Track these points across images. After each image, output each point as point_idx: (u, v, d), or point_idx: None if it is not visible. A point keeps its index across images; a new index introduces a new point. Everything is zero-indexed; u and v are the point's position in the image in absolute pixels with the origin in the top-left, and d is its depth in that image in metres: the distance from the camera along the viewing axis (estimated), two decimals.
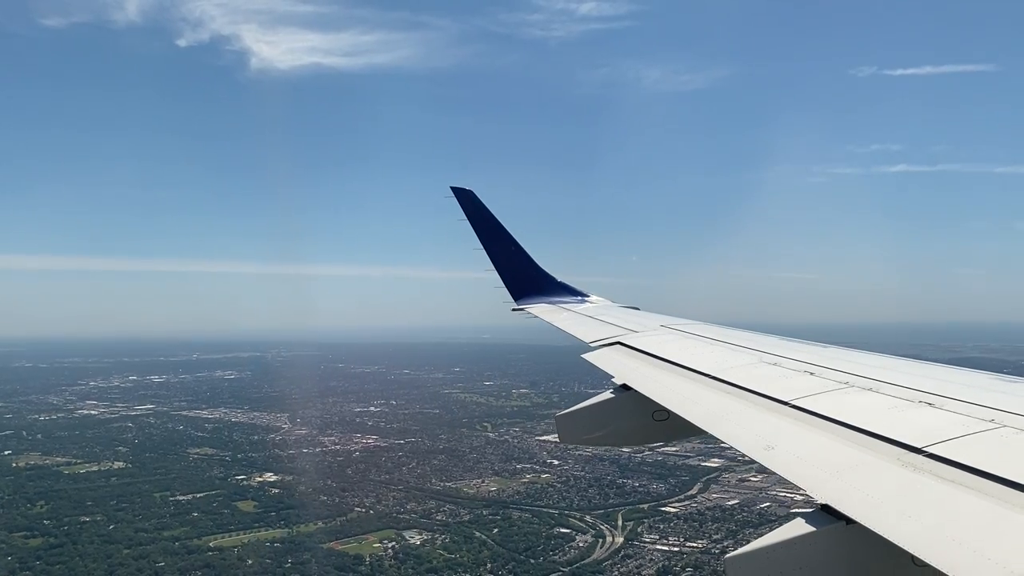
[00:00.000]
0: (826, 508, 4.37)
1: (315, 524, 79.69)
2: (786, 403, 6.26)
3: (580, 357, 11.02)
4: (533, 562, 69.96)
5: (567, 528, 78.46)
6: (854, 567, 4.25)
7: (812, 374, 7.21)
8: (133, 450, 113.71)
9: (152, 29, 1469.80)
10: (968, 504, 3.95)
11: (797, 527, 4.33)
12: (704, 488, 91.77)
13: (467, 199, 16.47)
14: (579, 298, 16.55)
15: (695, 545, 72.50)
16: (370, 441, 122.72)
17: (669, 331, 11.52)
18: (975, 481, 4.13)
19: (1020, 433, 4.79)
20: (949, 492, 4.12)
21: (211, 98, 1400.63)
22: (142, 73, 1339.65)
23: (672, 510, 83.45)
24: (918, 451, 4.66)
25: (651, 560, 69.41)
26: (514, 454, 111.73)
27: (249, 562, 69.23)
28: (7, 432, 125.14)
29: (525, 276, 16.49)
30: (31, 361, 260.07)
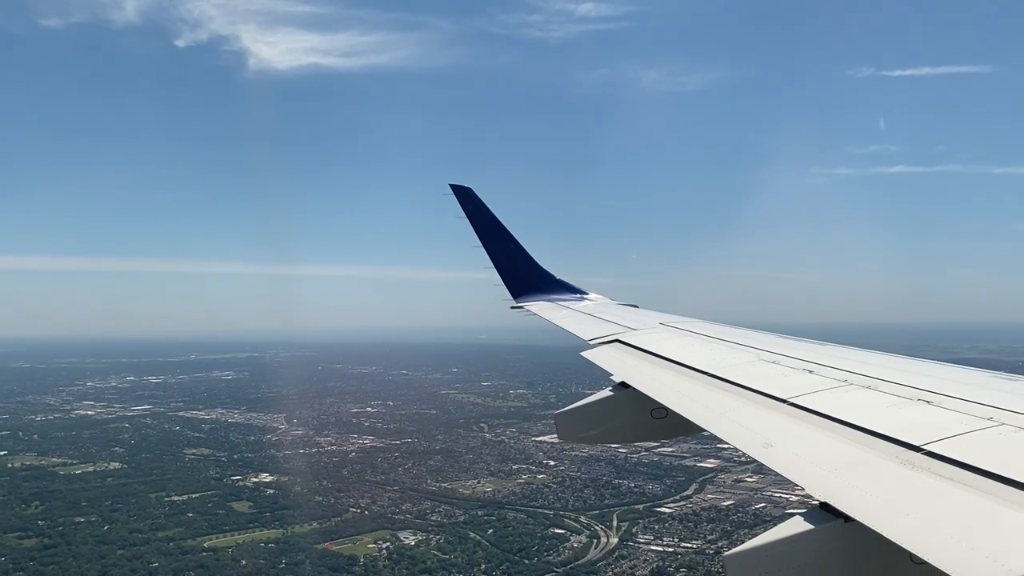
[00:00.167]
0: (825, 506, 4.38)
1: (310, 525, 79.69)
2: (785, 401, 6.26)
3: (578, 356, 11.02)
4: (527, 563, 69.95)
5: (562, 529, 78.47)
6: (853, 565, 4.27)
7: (811, 372, 7.22)
8: (129, 451, 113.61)
9: (150, 29, 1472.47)
10: (966, 502, 3.96)
11: (796, 525, 4.34)
12: (700, 489, 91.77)
13: (466, 197, 16.42)
14: (578, 296, 16.49)
15: (689, 546, 72.52)
16: (366, 442, 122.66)
17: (668, 329, 11.54)
18: (973, 479, 4.14)
19: (1018, 431, 4.81)
20: (947, 490, 4.13)
21: (209, 98, 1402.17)
22: (140, 73, 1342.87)
23: (667, 510, 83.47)
24: (917, 449, 4.68)
25: (645, 560, 69.43)
26: (510, 455, 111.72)
27: (243, 562, 69.18)
28: (3, 433, 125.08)
29: (524, 274, 16.43)
30: (28, 362, 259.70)
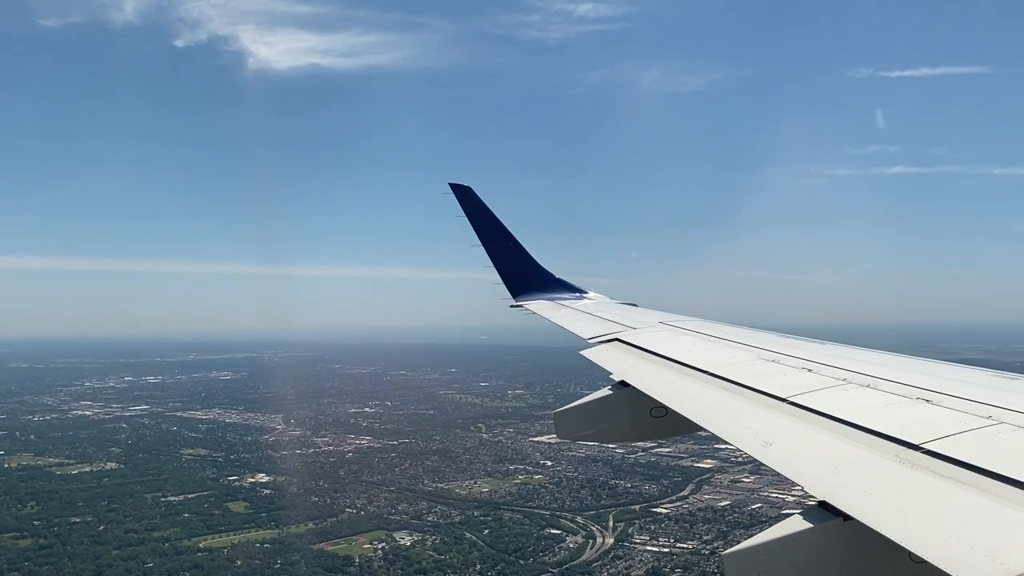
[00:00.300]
0: (824, 505, 4.37)
1: (305, 525, 79.68)
2: (784, 400, 6.24)
3: (577, 356, 11.00)
4: (523, 563, 69.94)
5: (558, 529, 78.46)
6: (852, 563, 4.26)
7: (810, 371, 7.21)
8: (126, 451, 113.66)
9: (149, 29, 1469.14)
10: (965, 500, 3.95)
11: (795, 523, 4.33)
12: (696, 489, 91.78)
13: (465, 195, 16.37)
14: (577, 295, 16.47)
15: (685, 546, 72.52)
16: (363, 442, 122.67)
17: (667, 328, 11.52)
18: (972, 477, 4.13)
19: (1017, 430, 4.80)
20: (946, 488, 4.12)
21: (209, 99, 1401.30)
22: (139, 74, 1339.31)
23: (663, 511, 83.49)
24: (916, 448, 4.67)
25: (640, 561, 69.42)
26: (507, 455, 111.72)
27: (238, 563, 69.17)
28: (0, 433, 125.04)
29: (523, 273, 16.41)
30: (27, 362, 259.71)
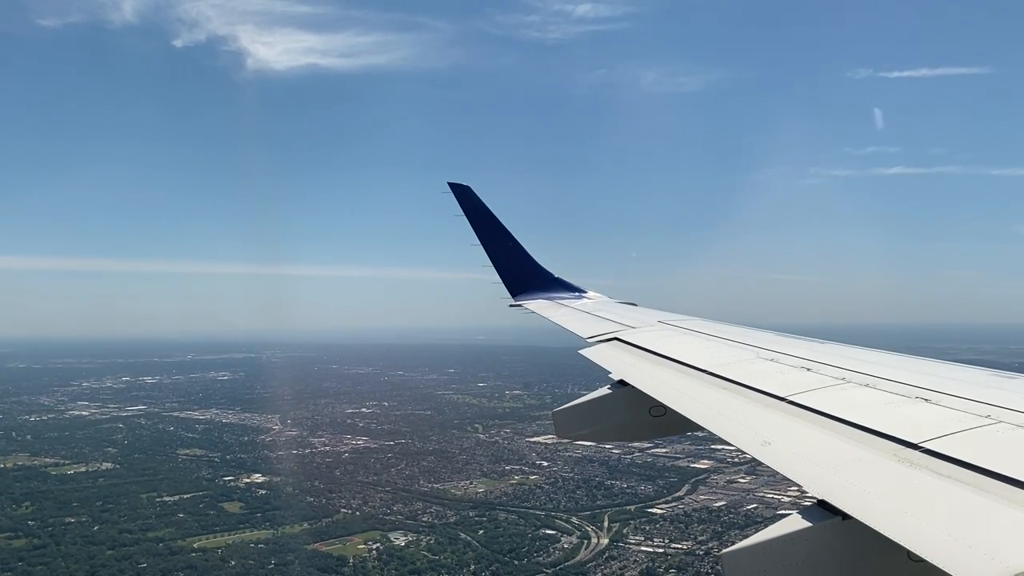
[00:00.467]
0: (823, 503, 4.35)
1: (300, 525, 79.61)
2: (783, 399, 6.22)
3: (575, 356, 10.98)
4: (517, 563, 69.89)
5: (553, 529, 78.43)
6: (850, 562, 4.24)
7: (809, 370, 7.18)
8: (122, 451, 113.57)
9: (148, 29, 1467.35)
10: (964, 499, 3.93)
11: (794, 522, 4.32)
12: (692, 489, 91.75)
13: (464, 195, 16.33)
14: (576, 294, 16.44)
15: (680, 547, 72.48)
16: (360, 442, 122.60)
17: (666, 327, 11.48)
18: (971, 477, 4.12)
19: (1016, 429, 4.78)
20: (945, 487, 4.10)
21: (207, 99, 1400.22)
22: (138, 74, 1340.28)
23: (659, 511, 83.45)
24: (915, 447, 4.65)
25: (635, 561, 69.39)
26: (504, 455, 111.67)
27: (232, 563, 69.10)
28: None
29: (522, 272, 16.37)
30: (24, 362, 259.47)
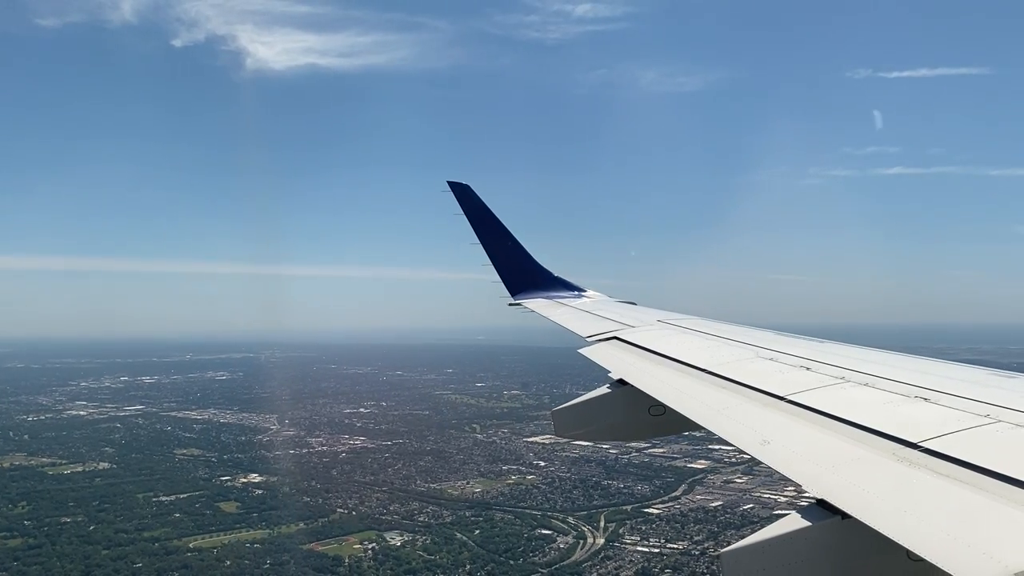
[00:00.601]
0: (822, 503, 4.36)
1: (296, 525, 79.59)
2: (782, 398, 6.22)
3: (573, 356, 10.99)
4: (512, 563, 69.89)
5: (549, 529, 78.44)
6: (849, 561, 4.25)
7: (808, 369, 7.19)
8: (119, 451, 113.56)
9: (147, 29, 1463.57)
10: (964, 499, 3.93)
11: (793, 522, 4.32)
12: (689, 489, 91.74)
13: (463, 194, 16.33)
14: (576, 293, 16.44)
15: (675, 547, 72.48)
16: (357, 442, 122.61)
17: (666, 326, 11.50)
18: (970, 476, 4.12)
19: (1016, 428, 4.78)
20: (944, 487, 4.10)
21: (207, 99, 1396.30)
22: (137, 73, 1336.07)
23: (655, 511, 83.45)
24: (914, 446, 4.65)
25: (631, 561, 69.38)
26: (501, 455, 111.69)
27: (227, 563, 69.10)
28: None
29: (522, 271, 16.37)
30: (23, 362, 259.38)
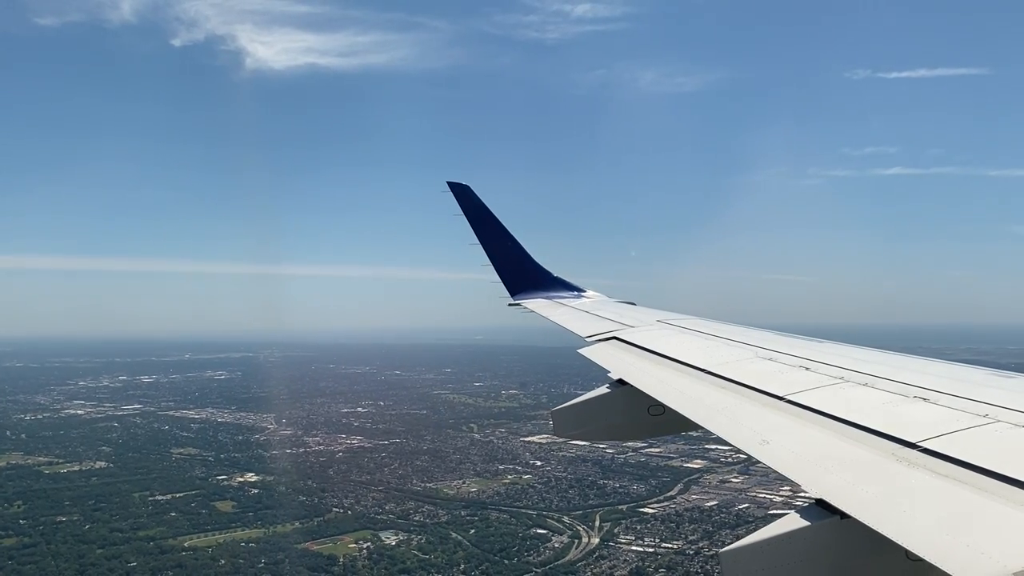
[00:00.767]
0: (821, 503, 4.37)
1: (292, 524, 79.64)
2: (781, 398, 6.24)
3: (572, 356, 11.00)
4: (507, 563, 69.94)
5: (544, 529, 78.49)
6: (848, 561, 4.26)
7: (807, 369, 7.21)
8: (116, 450, 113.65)
9: (146, 29, 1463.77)
10: (963, 499, 3.94)
11: (792, 521, 4.33)
12: (685, 489, 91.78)
13: (463, 194, 16.36)
14: (575, 293, 16.47)
15: (670, 546, 72.50)
16: (354, 442, 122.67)
17: (665, 326, 11.51)
18: (969, 476, 4.12)
19: (1015, 428, 4.78)
20: (943, 487, 4.11)
21: (206, 98, 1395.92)
22: (137, 73, 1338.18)
23: (650, 511, 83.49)
24: (913, 446, 4.65)
25: (625, 561, 69.41)
26: (498, 455, 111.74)
27: (222, 562, 69.16)
28: None
29: (521, 271, 16.39)
30: (22, 361, 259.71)
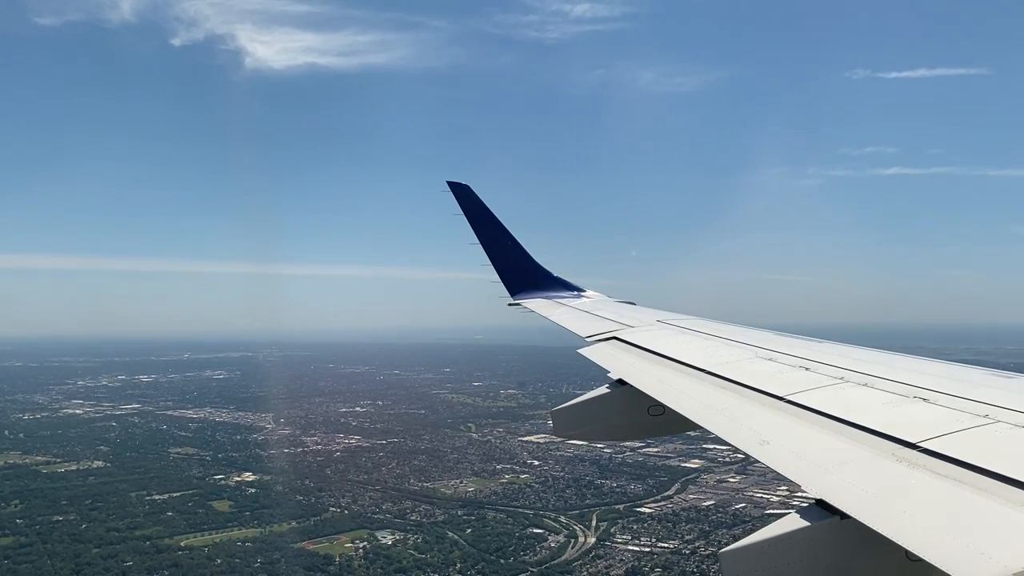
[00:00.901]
0: (821, 503, 4.37)
1: (288, 524, 79.62)
2: (781, 398, 6.23)
3: (571, 356, 10.99)
4: (503, 562, 69.93)
5: (540, 528, 78.51)
6: (848, 561, 4.26)
7: (807, 369, 7.20)
8: (114, 449, 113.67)
9: (146, 28, 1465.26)
10: (963, 499, 3.94)
11: (792, 522, 4.33)
12: (682, 489, 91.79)
13: (463, 194, 16.34)
14: (575, 293, 16.45)
15: (666, 546, 72.51)
16: (352, 441, 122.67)
17: (665, 326, 11.51)
18: (969, 476, 4.12)
19: (1014, 428, 4.78)
20: (943, 487, 4.11)
21: (205, 98, 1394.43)
22: (136, 72, 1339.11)
23: (647, 510, 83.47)
24: (913, 446, 4.65)
25: (621, 560, 69.40)
26: (495, 454, 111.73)
27: (218, 561, 69.14)
28: None
29: (521, 271, 16.37)
30: (21, 360, 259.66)
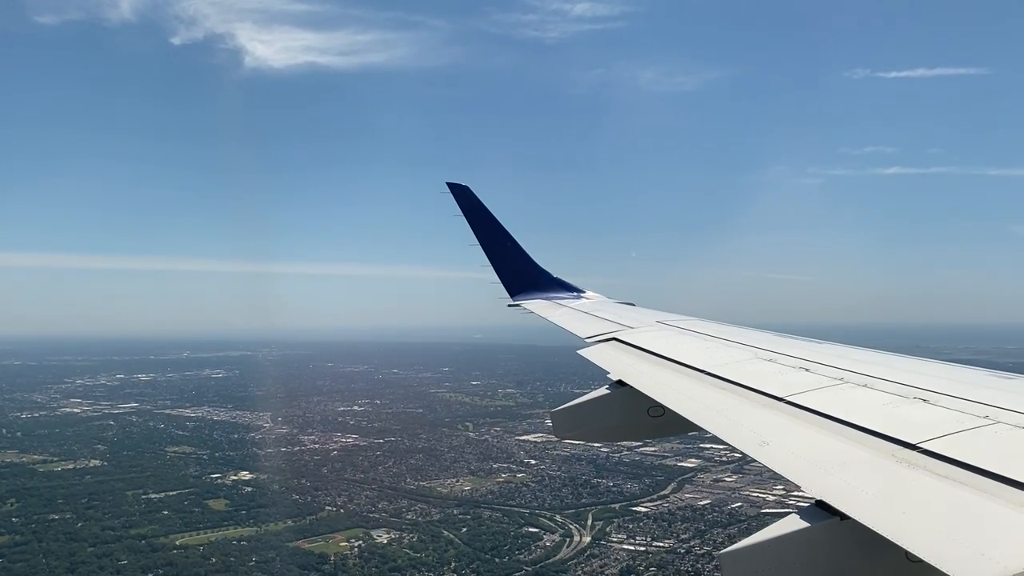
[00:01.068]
0: (820, 504, 4.36)
1: (284, 523, 79.67)
2: (781, 399, 6.23)
3: (569, 356, 11.04)
4: (498, 561, 69.97)
5: (536, 527, 78.54)
6: (848, 562, 4.25)
7: (807, 370, 7.20)
8: (111, 448, 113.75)
9: (146, 27, 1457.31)
10: (962, 500, 3.94)
11: (792, 523, 4.33)
12: (678, 488, 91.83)
13: (463, 195, 16.35)
14: (575, 294, 16.50)
15: (661, 545, 72.51)
16: (349, 440, 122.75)
17: (665, 327, 11.52)
18: (969, 477, 4.12)
19: (1014, 429, 4.78)
20: (943, 488, 4.11)
21: (205, 97, 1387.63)
22: (136, 71, 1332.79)
23: (643, 510, 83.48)
24: (912, 447, 4.65)
25: (616, 560, 69.40)
26: (492, 454, 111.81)
27: (213, 560, 69.16)
28: None
29: (521, 272, 16.40)
30: (20, 359, 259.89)
